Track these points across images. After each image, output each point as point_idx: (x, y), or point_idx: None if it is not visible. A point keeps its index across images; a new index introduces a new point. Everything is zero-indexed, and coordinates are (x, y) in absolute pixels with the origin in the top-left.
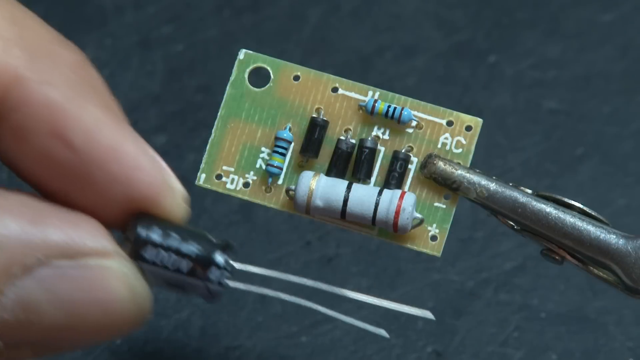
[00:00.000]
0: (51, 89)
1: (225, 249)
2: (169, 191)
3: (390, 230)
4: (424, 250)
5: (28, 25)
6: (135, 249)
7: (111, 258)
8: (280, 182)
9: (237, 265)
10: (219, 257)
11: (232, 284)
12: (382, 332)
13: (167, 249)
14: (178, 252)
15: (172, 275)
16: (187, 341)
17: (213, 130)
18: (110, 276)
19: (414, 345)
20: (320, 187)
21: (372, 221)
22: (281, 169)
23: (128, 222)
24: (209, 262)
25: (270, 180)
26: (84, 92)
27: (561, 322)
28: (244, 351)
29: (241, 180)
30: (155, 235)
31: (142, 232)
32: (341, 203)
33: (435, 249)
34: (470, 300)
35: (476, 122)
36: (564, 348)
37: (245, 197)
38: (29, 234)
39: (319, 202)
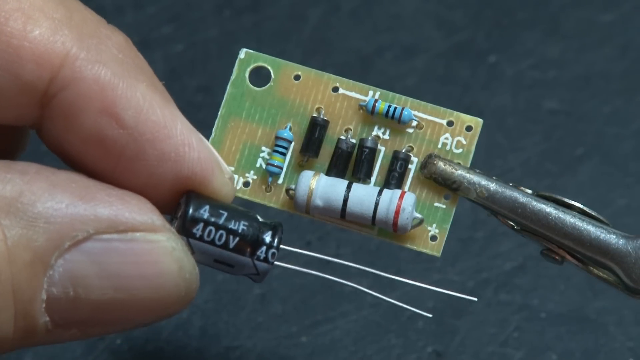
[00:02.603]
0: (101, 67)
1: (274, 229)
2: (218, 169)
3: (390, 230)
4: (424, 250)
5: (76, 7)
6: (184, 225)
7: (159, 232)
8: (280, 181)
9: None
10: (268, 236)
11: (278, 263)
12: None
13: (217, 226)
14: (227, 230)
15: (221, 253)
16: (187, 341)
17: (213, 130)
18: (159, 250)
19: (414, 345)
20: (320, 186)
21: (372, 221)
22: (281, 168)
23: (177, 202)
24: (258, 240)
25: (270, 179)
26: (133, 71)
27: (561, 322)
28: (244, 351)
29: (241, 180)
30: (205, 212)
31: (192, 208)
32: (341, 203)
33: (435, 249)
34: (471, 300)
35: (476, 122)
36: (564, 348)
37: (245, 197)
38: (78, 209)
39: (319, 201)
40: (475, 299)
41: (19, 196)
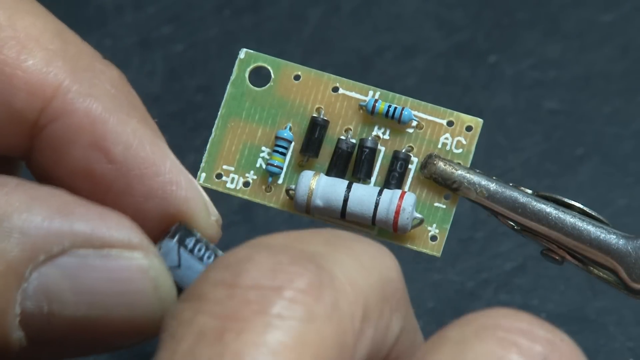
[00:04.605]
0: (93, 100)
1: None
2: (204, 210)
3: (390, 230)
4: (424, 250)
5: (72, 40)
6: (177, 231)
7: (136, 250)
8: (280, 181)
9: None
10: None
11: None
12: None
13: (207, 247)
14: (216, 254)
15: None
16: None
17: (213, 130)
18: (134, 267)
19: None
20: (321, 186)
21: (372, 221)
22: (281, 168)
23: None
24: None
25: (270, 179)
26: (124, 107)
27: (561, 322)
28: None
29: (241, 180)
30: (197, 234)
31: (186, 226)
32: (341, 203)
33: (435, 249)
34: (471, 300)
35: (476, 122)
36: None
37: (246, 197)
38: (55, 222)
39: (319, 201)
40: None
41: None
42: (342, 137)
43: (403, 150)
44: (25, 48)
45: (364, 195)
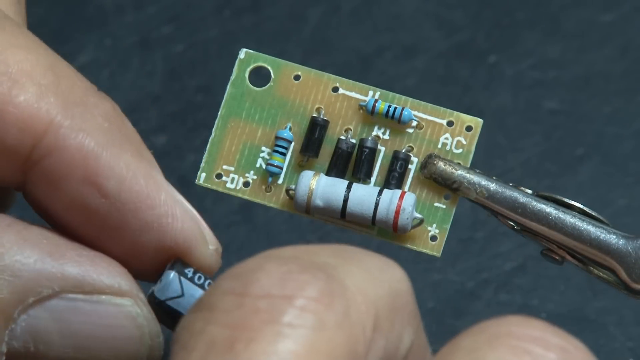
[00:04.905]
0: (85, 135)
1: None
2: (202, 241)
3: (390, 230)
4: (424, 250)
5: (64, 74)
6: (176, 263)
7: (125, 297)
8: (280, 181)
9: None
10: None
11: None
12: None
13: (205, 276)
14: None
15: None
16: None
17: (213, 130)
18: (122, 314)
19: None
20: (320, 186)
21: (372, 221)
22: (281, 168)
23: (161, 269)
24: None
25: (270, 179)
26: (118, 140)
27: (561, 323)
28: None
29: (241, 180)
30: (187, 271)
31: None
32: (341, 203)
33: (435, 249)
34: (471, 300)
35: (476, 122)
36: None
37: (246, 197)
38: (46, 265)
39: (319, 201)
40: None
41: None
42: (342, 137)
43: (403, 150)
44: (17, 83)
45: (364, 195)
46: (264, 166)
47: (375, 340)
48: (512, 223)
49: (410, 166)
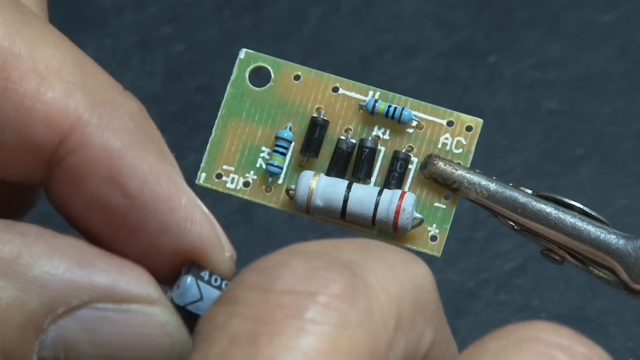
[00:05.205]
0: (111, 134)
1: None
2: (218, 246)
3: (390, 230)
4: (424, 250)
5: (92, 71)
6: (191, 268)
7: (155, 305)
8: (280, 181)
9: None
10: None
11: None
12: None
13: (221, 278)
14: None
15: None
16: None
17: (213, 130)
18: (153, 323)
19: None
20: (321, 186)
21: (372, 221)
22: (281, 168)
23: (176, 271)
24: None
25: (270, 179)
26: (142, 141)
27: (561, 323)
28: None
29: (241, 180)
30: (203, 274)
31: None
32: (341, 203)
33: (435, 249)
34: (471, 300)
35: (476, 122)
36: None
37: (246, 197)
38: (75, 275)
39: (319, 201)
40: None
41: (16, 258)
42: (342, 137)
43: (403, 150)
44: (45, 80)
45: (364, 195)
46: (264, 166)
47: (397, 338)
48: (512, 223)
49: (410, 166)
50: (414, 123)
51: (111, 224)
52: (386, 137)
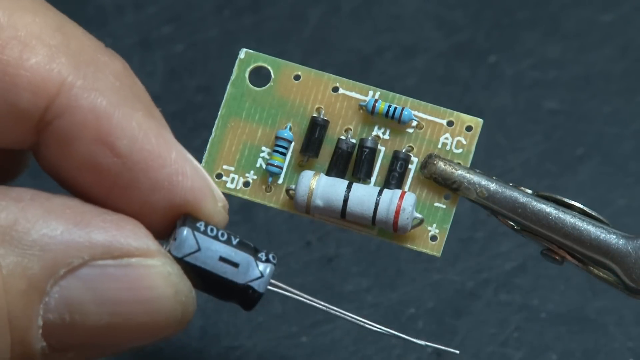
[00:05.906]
0: (97, 95)
1: (268, 258)
2: (211, 197)
3: (390, 230)
4: (424, 250)
5: (73, 34)
6: (187, 219)
7: (155, 257)
8: (280, 181)
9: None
10: (262, 265)
11: (270, 288)
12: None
13: (217, 228)
14: (227, 232)
15: (226, 248)
16: (188, 341)
17: (213, 130)
18: (154, 275)
19: (414, 345)
20: (321, 186)
21: (372, 221)
22: (281, 168)
23: (170, 226)
24: (257, 248)
25: (270, 179)
26: (129, 99)
27: (561, 323)
28: (244, 351)
29: (241, 180)
30: (199, 225)
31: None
32: (341, 203)
33: (435, 249)
34: (471, 300)
35: (476, 122)
36: (564, 348)
37: (246, 197)
38: (73, 235)
39: (319, 201)
40: (458, 352)
41: (13, 224)
42: (342, 137)
43: (403, 150)
44: (27, 47)
45: (364, 195)
46: (264, 166)
47: None
48: (512, 223)
49: (410, 166)
50: (414, 123)
51: (103, 184)
52: (386, 137)
